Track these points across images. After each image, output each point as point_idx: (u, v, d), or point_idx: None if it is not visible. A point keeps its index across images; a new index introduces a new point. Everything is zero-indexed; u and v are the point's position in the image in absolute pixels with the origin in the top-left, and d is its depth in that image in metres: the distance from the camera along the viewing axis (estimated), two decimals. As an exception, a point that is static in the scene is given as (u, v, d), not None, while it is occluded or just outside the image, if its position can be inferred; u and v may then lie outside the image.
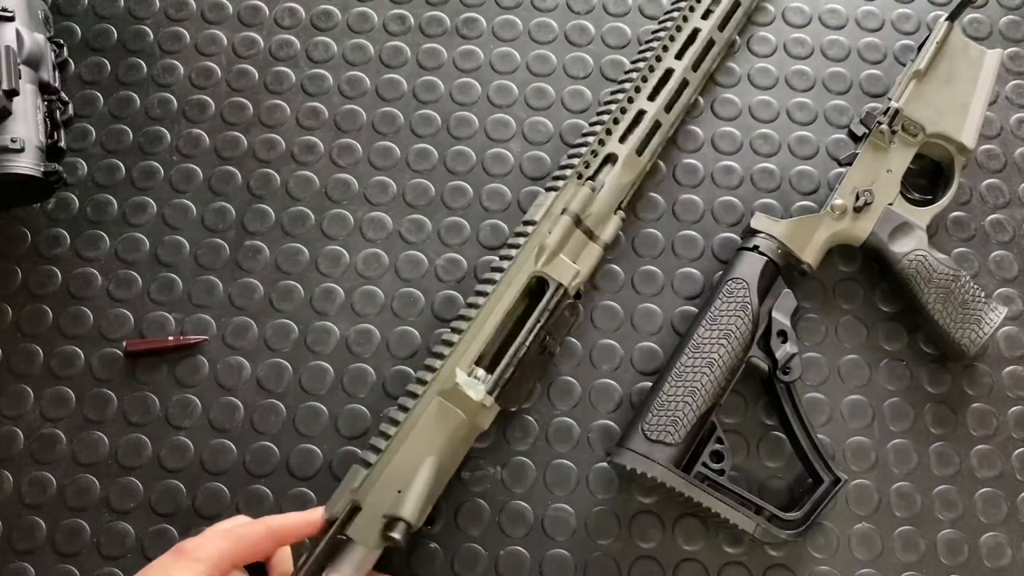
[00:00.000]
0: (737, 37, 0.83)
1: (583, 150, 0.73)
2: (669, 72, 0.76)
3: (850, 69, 0.83)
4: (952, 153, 0.76)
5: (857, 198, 0.74)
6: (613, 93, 0.76)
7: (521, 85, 0.82)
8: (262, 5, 0.85)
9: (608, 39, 0.83)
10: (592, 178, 0.72)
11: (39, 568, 0.69)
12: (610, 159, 0.73)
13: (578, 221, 0.71)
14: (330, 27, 0.84)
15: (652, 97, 0.75)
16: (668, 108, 0.75)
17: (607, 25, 0.84)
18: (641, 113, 0.74)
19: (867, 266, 0.77)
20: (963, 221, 0.78)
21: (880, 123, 0.75)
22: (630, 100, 0.74)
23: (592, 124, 0.75)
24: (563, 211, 0.70)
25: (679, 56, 0.76)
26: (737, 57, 0.83)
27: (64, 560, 0.69)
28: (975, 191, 0.79)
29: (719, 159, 0.80)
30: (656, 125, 0.75)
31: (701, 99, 0.82)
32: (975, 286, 0.72)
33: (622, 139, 0.73)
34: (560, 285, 0.68)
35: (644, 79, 0.75)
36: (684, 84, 0.76)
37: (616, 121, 0.74)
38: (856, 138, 0.79)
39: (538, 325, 0.67)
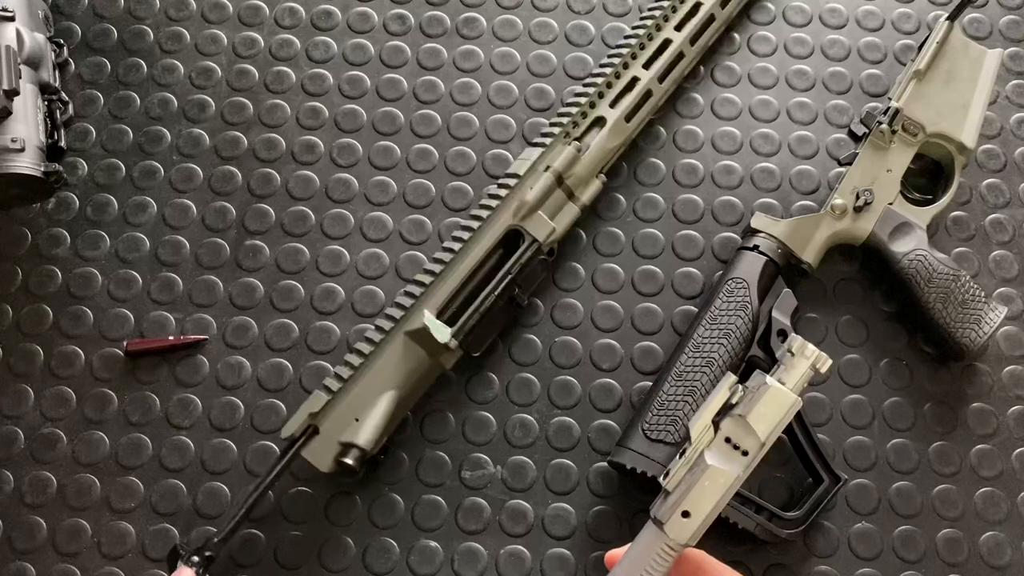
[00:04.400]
0: (736, 35, 0.83)
1: (573, 110, 0.74)
2: (667, 43, 0.77)
3: (850, 69, 0.83)
4: (952, 153, 0.76)
5: (857, 198, 0.74)
6: (609, 58, 0.77)
7: (521, 85, 0.82)
8: (262, 5, 0.85)
9: (608, 39, 0.83)
10: (579, 139, 0.74)
11: (39, 568, 0.69)
12: (599, 122, 0.75)
13: (560, 180, 0.73)
14: (330, 27, 0.84)
15: (647, 66, 0.76)
16: (661, 79, 0.76)
17: (607, 25, 0.84)
18: (634, 80, 0.75)
19: (867, 266, 0.77)
20: (963, 221, 0.78)
21: (880, 123, 0.75)
22: (625, 66, 0.76)
23: (585, 86, 0.76)
24: (547, 168, 0.72)
25: (678, 28, 0.77)
26: (737, 57, 0.83)
27: (65, 560, 0.69)
28: (975, 191, 0.79)
29: (719, 159, 0.80)
30: (647, 94, 0.76)
31: (701, 98, 0.82)
32: (975, 286, 0.72)
33: (613, 104, 0.75)
34: (535, 240, 0.71)
35: (641, 46, 0.76)
36: (680, 56, 0.77)
37: (609, 85, 0.75)
38: (856, 138, 0.79)
39: (509, 276, 0.70)
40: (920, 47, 0.79)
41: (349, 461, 0.65)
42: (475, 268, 0.70)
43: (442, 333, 0.67)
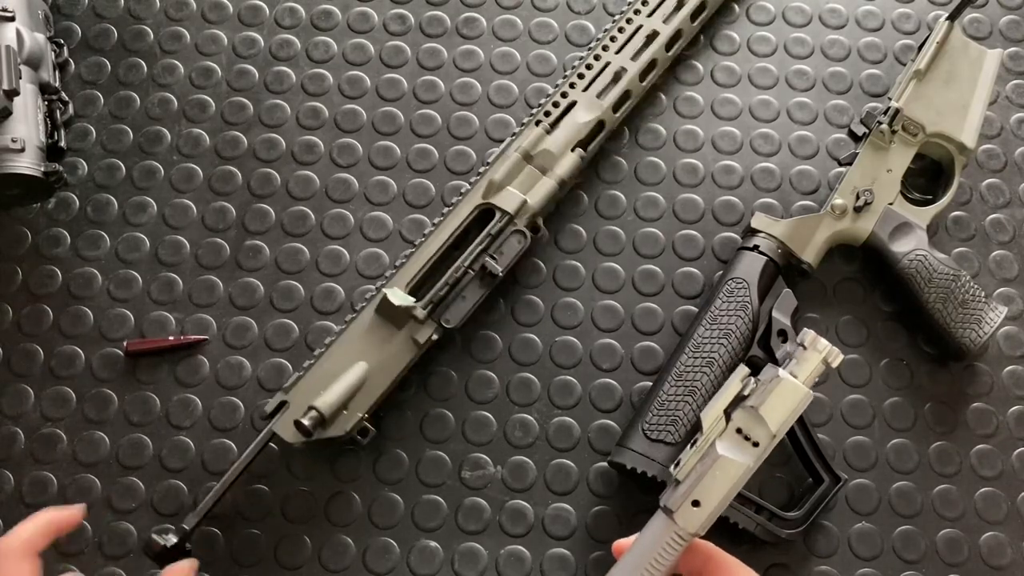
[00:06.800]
0: (736, 35, 0.83)
1: (543, 100, 0.76)
2: (638, 29, 0.78)
3: (850, 69, 0.83)
4: (952, 153, 0.76)
5: (857, 198, 0.74)
6: (583, 54, 0.78)
7: (521, 85, 0.82)
8: (262, 5, 0.85)
9: (608, 39, 0.83)
10: (552, 124, 0.75)
11: (40, 568, 0.69)
12: (572, 107, 0.76)
13: (528, 157, 0.74)
14: (330, 27, 0.84)
15: (618, 51, 0.77)
16: (635, 58, 0.77)
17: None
18: (606, 65, 0.77)
19: (867, 266, 0.77)
20: (963, 221, 0.78)
21: (880, 123, 0.75)
22: (596, 57, 0.77)
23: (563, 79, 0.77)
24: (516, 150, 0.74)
25: (650, 16, 0.78)
26: (737, 57, 0.83)
27: (66, 560, 0.69)
28: (975, 191, 0.79)
29: (719, 159, 0.80)
30: (621, 71, 0.76)
31: (701, 98, 0.82)
32: (975, 286, 0.72)
33: (585, 90, 0.76)
34: (505, 213, 0.71)
35: (612, 39, 0.77)
36: (654, 35, 0.78)
37: (580, 76, 0.76)
38: (856, 138, 0.79)
39: (478, 248, 0.71)
40: (920, 47, 0.79)
41: (304, 421, 0.66)
42: (444, 246, 0.71)
43: (400, 298, 0.69)
